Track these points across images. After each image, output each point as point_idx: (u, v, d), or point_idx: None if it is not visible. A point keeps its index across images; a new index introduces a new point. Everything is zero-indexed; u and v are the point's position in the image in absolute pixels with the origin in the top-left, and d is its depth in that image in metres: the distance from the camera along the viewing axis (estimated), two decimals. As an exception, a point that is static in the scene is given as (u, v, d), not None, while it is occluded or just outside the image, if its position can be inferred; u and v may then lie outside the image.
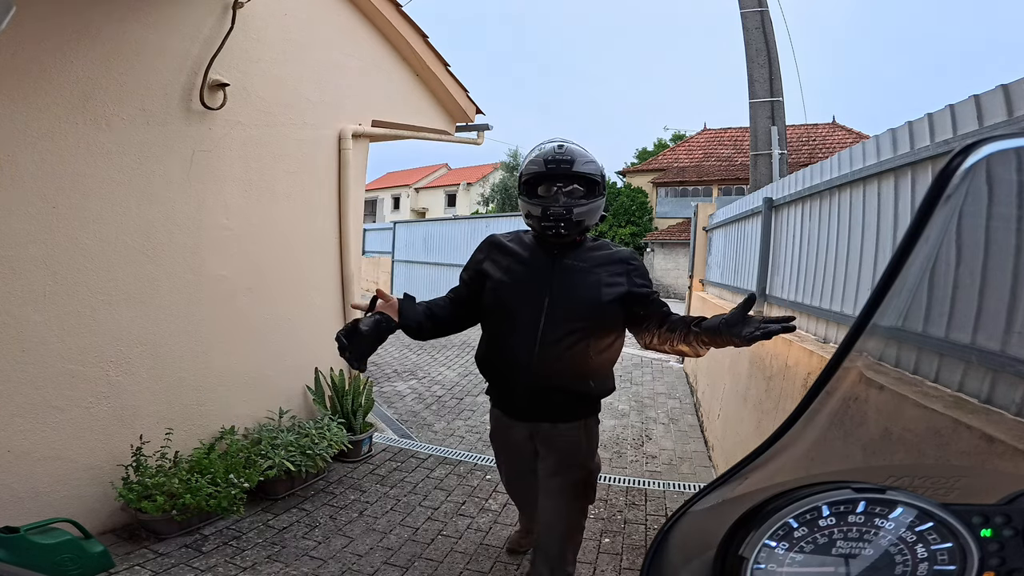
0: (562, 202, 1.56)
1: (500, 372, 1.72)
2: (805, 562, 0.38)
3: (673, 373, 5.95)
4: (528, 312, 1.60)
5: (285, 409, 3.04)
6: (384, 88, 3.56)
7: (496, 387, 1.77)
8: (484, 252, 1.77)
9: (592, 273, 1.61)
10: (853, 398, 0.39)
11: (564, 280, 1.61)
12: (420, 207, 29.75)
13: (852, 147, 2.07)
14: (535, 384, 1.61)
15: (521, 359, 1.60)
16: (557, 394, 1.63)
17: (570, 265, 1.62)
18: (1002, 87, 1.19)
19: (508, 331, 1.65)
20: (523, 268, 1.65)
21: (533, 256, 1.66)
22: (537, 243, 1.68)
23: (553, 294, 1.60)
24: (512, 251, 1.70)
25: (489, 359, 1.74)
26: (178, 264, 2.50)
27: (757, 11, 6.68)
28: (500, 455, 1.94)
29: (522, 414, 1.71)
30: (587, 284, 1.60)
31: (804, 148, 16.63)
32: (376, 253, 12.93)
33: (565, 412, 1.67)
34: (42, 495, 2.08)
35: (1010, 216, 0.38)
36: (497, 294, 1.66)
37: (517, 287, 1.64)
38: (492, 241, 1.77)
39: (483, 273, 1.72)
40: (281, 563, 2.17)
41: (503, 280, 1.66)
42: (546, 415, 1.67)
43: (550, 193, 1.60)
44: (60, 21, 2.01)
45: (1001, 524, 0.38)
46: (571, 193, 1.59)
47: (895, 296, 0.36)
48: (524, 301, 1.62)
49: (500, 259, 1.70)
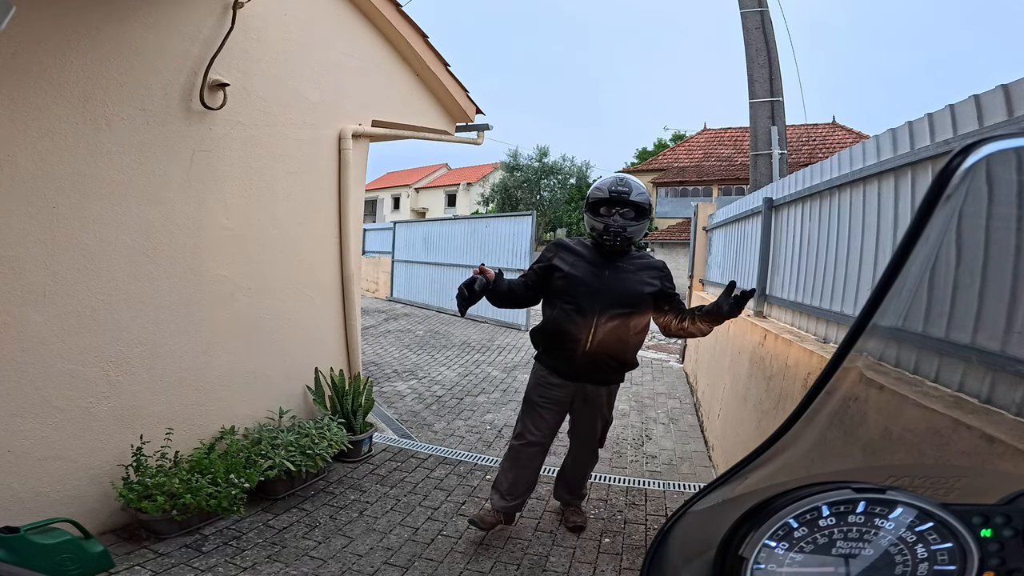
0: (619, 222, 2.16)
1: (563, 342, 2.20)
2: (805, 562, 0.38)
3: (673, 373, 5.95)
4: (589, 298, 2.15)
5: (285, 409, 3.04)
6: (384, 88, 3.56)
7: (554, 354, 2.27)
8: (553, 251, 2.31)
9: (635, 275, 2.20)
10: (853, 398, 0.39)
11: (616, 277, 2.19)
12: (420, 207, 29.75)
13: (852, 147, 2.07)
14: (590, 352, 2.16)
15: (583, 333, 2.15)
16: (604, 362, 2.20)
17: (620, 267, 2.20)
18: (1002, 87, 1.19)
19: (573, 310, 2.17)
20: (587, 265, 2.21)
21: (593, 257, 2.23)
22: (595, 249, 2.25)
23: (608, 287, 2.16)
24: (578, 251, 2.26)
25: (554, 331, 2.23)
26: (178, 264, 2.50)
27: (757, 11, 6.68)
28: (537, 400, 2.32)
29: (574, 376, 2.25)
30: (632, 282, 2.18)
31: (804, 148, 16.63)
32: (376, 253, 12.92)
33: (605, 378, 2.28)
34: (42, 495, 2.08)
35: (1010, 216, 0.38)
36: (568, 281, 2.20)
37: (582, 279, 2.18)
38: (560, 243, 2.32)
39: (554, 266, 2.24)
40: (281, 563, 2.17)
41: (572, 273, 2.20)
42: (592, 378, 2.25)
43: (609, 213, 2.17)
44: (60, 21, 2.01)
45: (1001, 524, 0.38)
46: (625, 215, 2.17)
47: (895, 296, 0.36)
48: (587, 289, 2.16)
49: (567, 256, 2.25)
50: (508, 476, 2.36)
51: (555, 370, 2.28)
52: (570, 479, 2.54)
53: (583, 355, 2.17)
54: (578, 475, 2.52)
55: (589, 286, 2.16)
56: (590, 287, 2.16)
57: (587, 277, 2.17)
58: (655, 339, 8.30)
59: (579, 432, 2.40)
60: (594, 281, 2.16)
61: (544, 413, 2.31)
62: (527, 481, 2.37)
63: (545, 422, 2.31)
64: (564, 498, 2.58)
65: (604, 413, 2.35)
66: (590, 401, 2.29)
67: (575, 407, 2.33)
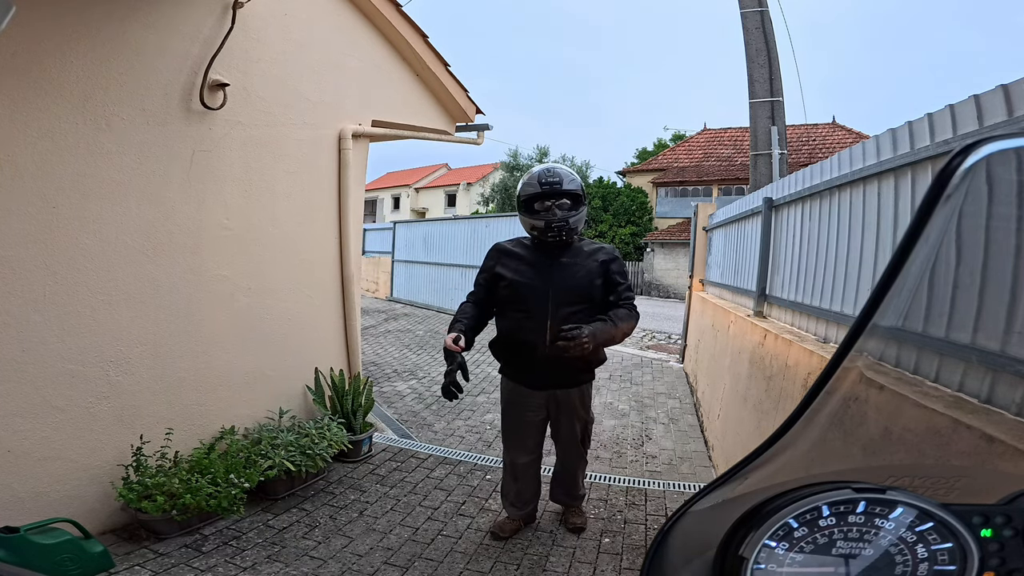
0: (559, 215, 2.05)
1: (520, 351, 2.14)
2: (805, 562, 0.38)
3: (673, 373, 5.95)
4: (539, 301, 2.07)
5: (285, 409, 3.04)
6: (384, 88, 3.56)
7: (514, 365, 2.22)
8: (494, 259, 2.21)
9: (582, 266, 2.11)
10: (853, 398, 0.39)
11: (563, 273, 2.09)
12: (420, 207, 29.75)
13: (852, 147, 2.07)
14: (551, 358, 2.04)
15: (539, 339, 2.07)
16: (567, 363, 2.06)
17: (565, 262, 2.11)
18: (1002, 87, 1.19)
19: (524, 317, 2.10)
20: (529, 267, 2.12)
21: (536, 257, 2.13)
22: (536, 247, 2.15)
23: (555, 285, 2.07)
24: (518, 255, 2.16)
25: (509, 342, 2.17)
26: (178, 264, 2.50)
27: (757, 11, 6.68)
28: (513, 425, 2.30)
29: (541, 384, 2.18)
30: (581, 273, 2.10)
31: (804, 148, 16.63)
32: (376, 253, 12.93)
33: (573, 379, 2.20)
34: (42, 495, 2.08)
35: (1010, 216, 0.38)
36: (513, 288, 2.11)
37: (527, 283, 2.09)
38: (499, 248, 2.22)
39: (497, 275, 2.16)
40: (281, 563, 2.17)
41: (515, 279, 2.11)
42: (559, 383, 2.18)
43: (545, 208, 2.07)
44: (60, 21, 2.01)
45: (1001, 524, 0.38)
46: (561, 206, 2.07)
47: (895, 296, 0.36)
48: (534, 293, 2.08)
49: (509, 262, 2.16)
50: (511, 488, 2.40)
51: (520, 382, 2.22)
52: (564, 481, 2.51)
53: (544, 361, 2.09)
54: (569, 477, 2.48)
55: (536, 289, 2.08)
56: (537, 289, 2.08)
57: (532, 279, 2.09)
58: (655, 339, 8.29)
59: (560, 437, 2.35)
60: (540, 282, 2.08)
61: (524, 436, 2.29)
62: (532, 489, 2.43)
63: (528, 442, 2.30)
64: (562, 500, 2.56)
65: (581, 414, 2.28)
66: (564, 405, 2.24)
67: (551, 414, 2.28)
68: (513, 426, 2.30)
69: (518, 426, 2.28)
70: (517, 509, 2.42)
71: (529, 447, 2.31)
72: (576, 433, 2.30)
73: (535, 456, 2.35)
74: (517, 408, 2.26)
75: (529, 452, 2.32)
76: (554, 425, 2.32)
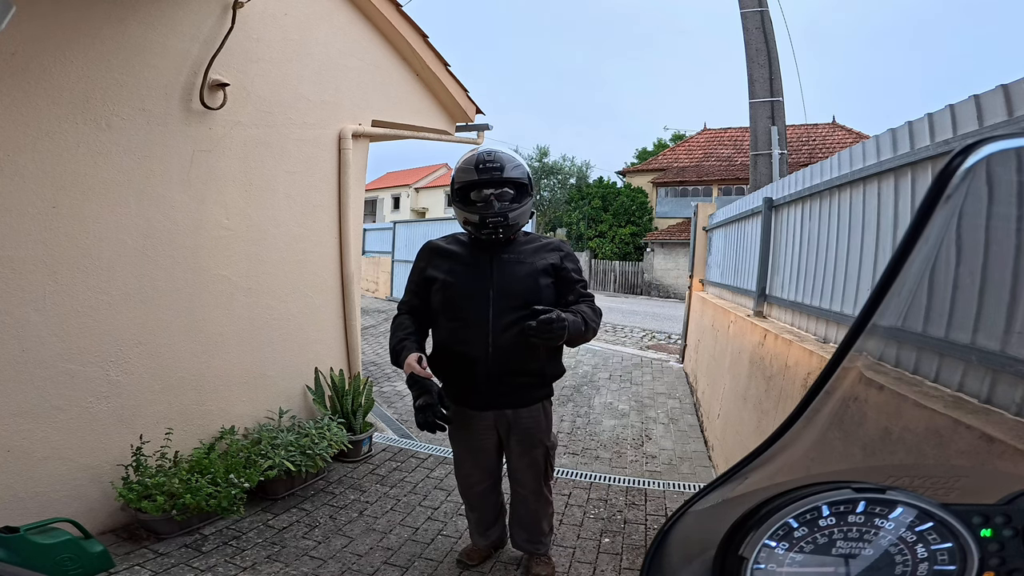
0: (497, 207, 1.72)
1: (459, 367, 1.80)
2: (805, 562, 0.38)
3: (673, 373, 5.95)
4: (477, 307, 1.74)
5: (285, 409, 3.04)
6: (384, 88, 3.56)
7: (455, 383, 1.85)
8: (425, 259, 1.88)
9: (527, 263, 1.78)
10: (853, 398, 0.39)
11: (504, 272, 1.76)
12: (420, 207, 29.73)
13: (852, 147, 2.07)
14: (494, 371, 1.74)
15: (478, 350, 1.74)
16: (515, 377, 1.77)
17: (507, 259, 1.78)
18: (1002, 87, 1.19)
19: (461, 326, 1.77)
20: (465, 268, 1.79)
21: (473, 255, 1.81)
22: (474, 243, 1.83)
23: (496, 287, 1.74)
24: (452, 253, 1.83)
25: (447, 356, 1.83)
26: (178, 264, 2.50)
27: (757, 11, 6.68)
28: (463, 452, 1.98)
29: (485, 404, 1.83)
30: (524, 273, 1.76)
31: (804, 148, 16.63)
32: (376, 253, 12.92)
33: (525, 398, 1.83)
34: (42, 495, 2.08)
35: (1010, 216, 0.38)
36: (446, 294, 1.78)
37: (463, 286, 1.77)
38: (431, 247, 1.89)
39: (428, 278, 1.83)
40: (281, 563, 2.17)
41: (449, 281, 1.78)
42: (508, 402, 1.82)
43: (482, 198, 1.73)
44: (60, 21, 2.01)
45: (1001, 524, 0.38)
46: (501, 196, 1.74)
47: (895, 296, 0.36)
48: (472, 297, 1.75)
49: (441, 262, 1.83)
50: (472, 516, 2.17)
51: (463, 403, 1.85)
52: (523, 522, 2.07)
53: (487, 377, 1.75)
54: (530, 518, 2.04)
55: (473, 293, 1.74)
56: (475, 294, 1.74)
57: (468, 282, 1.76)
58: (655, 339, 8.29)
59: (513, 470, 1.96)
60: (477, 284, 1.75)
61: (476, 463, 1.97)
62: (492, 515, 2.16)
63: (480, 469, 1.98)
64: (522, 546, 2.12)
65: (541, 438, 1.88)
66: (516, 429, 1.86)
67: (502, 438, 1.90)
68: (461, 454, 1.98)
69: (466, 453, 1.96)
70: (482, 538, 2.18)
71: (482, 475, 1.99)
72: (536, 463, 1.91)
73: (492, 481, 2.03)
74: (463, 432, 1.92)
75: (483, 480, 2.00)
76: (507, 454, 1.95)
